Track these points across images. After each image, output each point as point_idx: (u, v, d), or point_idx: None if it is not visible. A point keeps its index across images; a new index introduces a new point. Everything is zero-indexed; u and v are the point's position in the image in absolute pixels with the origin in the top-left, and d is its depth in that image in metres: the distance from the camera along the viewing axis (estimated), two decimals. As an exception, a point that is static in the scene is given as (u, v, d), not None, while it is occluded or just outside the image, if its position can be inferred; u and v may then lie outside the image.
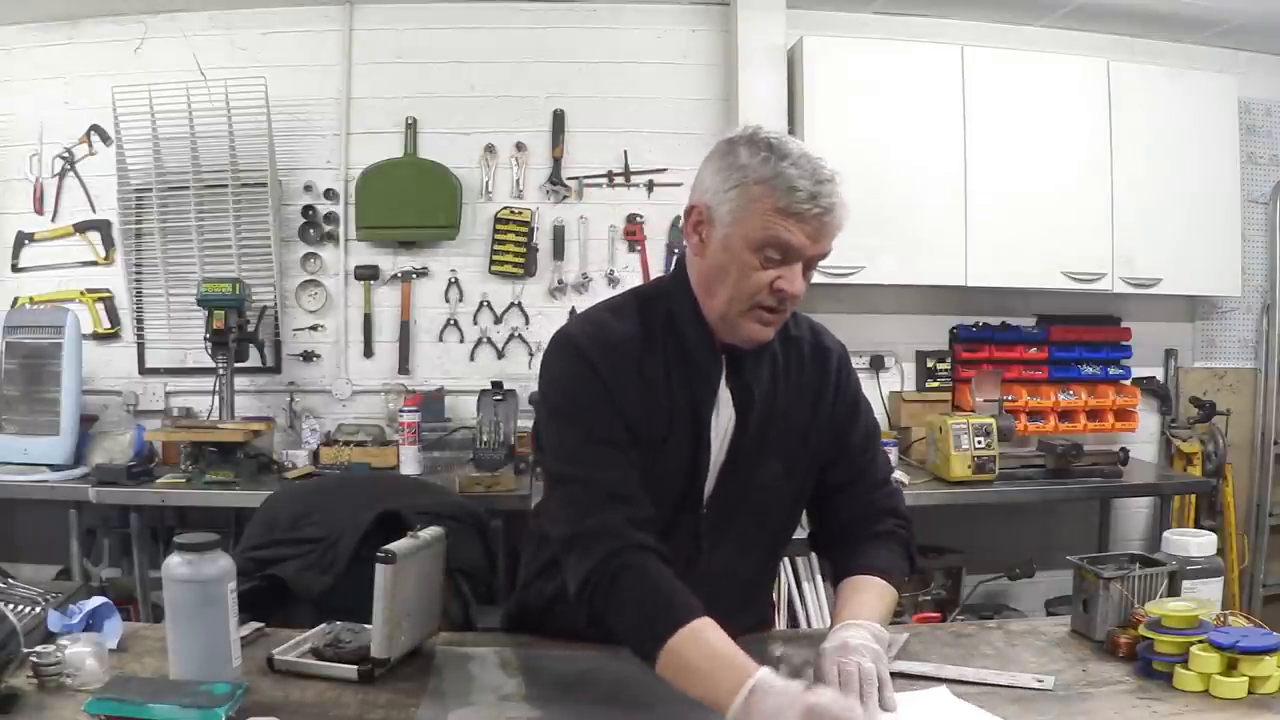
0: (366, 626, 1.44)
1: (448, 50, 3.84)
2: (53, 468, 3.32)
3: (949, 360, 4.01)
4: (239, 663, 1.35)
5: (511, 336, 3.87)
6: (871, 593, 1.49)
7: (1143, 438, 4.11)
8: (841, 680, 1.26)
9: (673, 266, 1.62)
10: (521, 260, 3.87)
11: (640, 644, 1.31)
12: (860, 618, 1.40)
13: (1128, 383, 4.06)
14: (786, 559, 3.40)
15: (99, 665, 1.35)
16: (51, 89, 3.77)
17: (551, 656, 1.51)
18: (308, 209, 3.83)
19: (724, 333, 1.47)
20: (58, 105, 3.77)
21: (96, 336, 3.78)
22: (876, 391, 3.98)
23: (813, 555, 3.43)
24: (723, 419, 1.50)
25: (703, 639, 1.27)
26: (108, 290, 3.82)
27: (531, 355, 3.85)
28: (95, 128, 3.77)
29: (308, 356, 3.85)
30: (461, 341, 3.90)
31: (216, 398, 3.59)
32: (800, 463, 1.56)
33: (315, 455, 3.57)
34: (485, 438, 3.50)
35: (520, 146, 3.88)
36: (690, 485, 1.49)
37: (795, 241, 1.38)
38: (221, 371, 3.55)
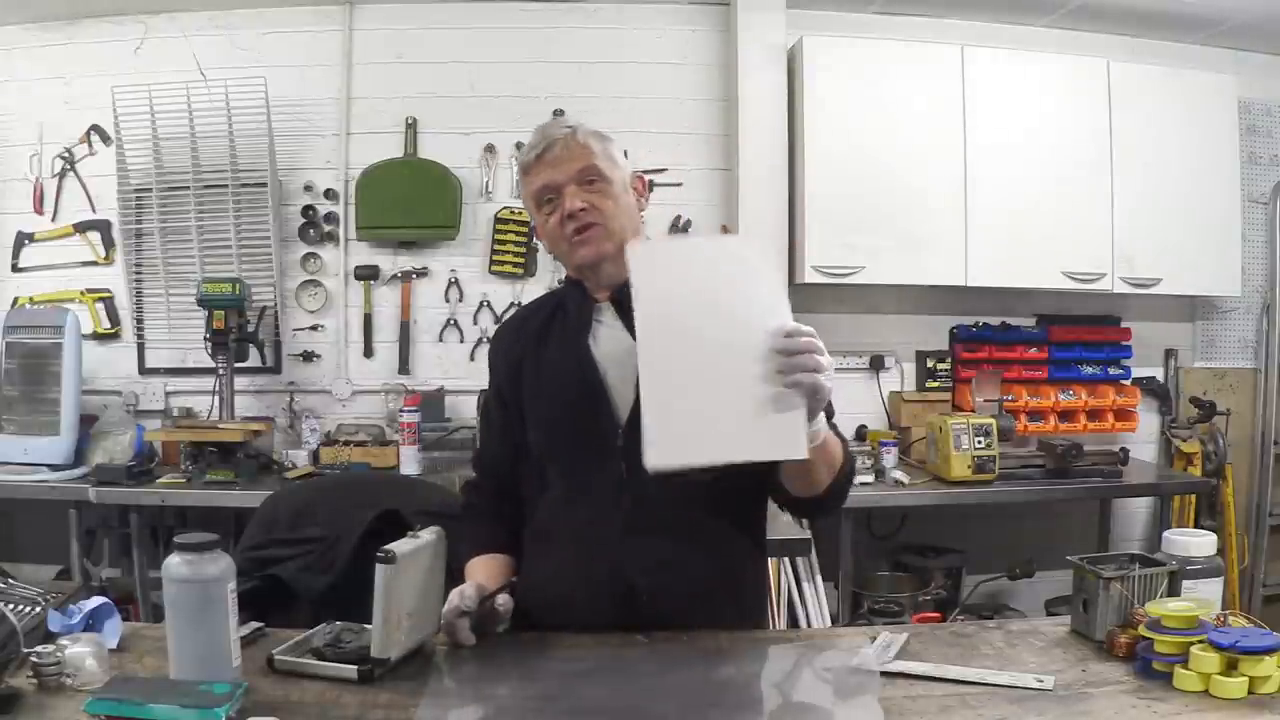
0: (366, 626, 1.44)
1: (448, 50, 3.84)
2: (53, 468, 3.33)
3: (949, 360, 4.01)
4: (239, 663, 1.35)
5: (511, 336, 3.88)
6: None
7: (1143, 438, 4.12)
8: None
9: None
10: (521, 260, 3.87)
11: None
12: None
13: (1128, 383, 4.07)
14: (786, 559, 3.39)
15: (99, 665, 1.35)
16: (51, 89, 3.77)
17: (551, 656, 1.51)
18: (308, 209, 3.83)
19: (588, 278, 1.68)
20: (58, 105, 3.77)
21: (96, 336, 3.78)
22: (877, 391, 3.99)
23: (813, 554, 3.43)
24: (616, 348, 1.63)
25: (471, 564, 1.68)
26: (108, 290, 3.83)
27: (531, 355, 3.85)
28: (95, 128, 3.77)
29: (308, 356, 3.85)
30: (461, 341, 3.90)
31: (216, 398, 3.60)
32: None
33: (315, 455, 3.58)
34: (485, 438, 3.50)
35: (520, 146, 3.88)
36: (595, 405, 1.60)
37: (543, 181, 1.64)
38: (221, 371, 3.55)
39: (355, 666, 1.40)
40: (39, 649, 1.35)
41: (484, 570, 1.65)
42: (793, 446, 1.38)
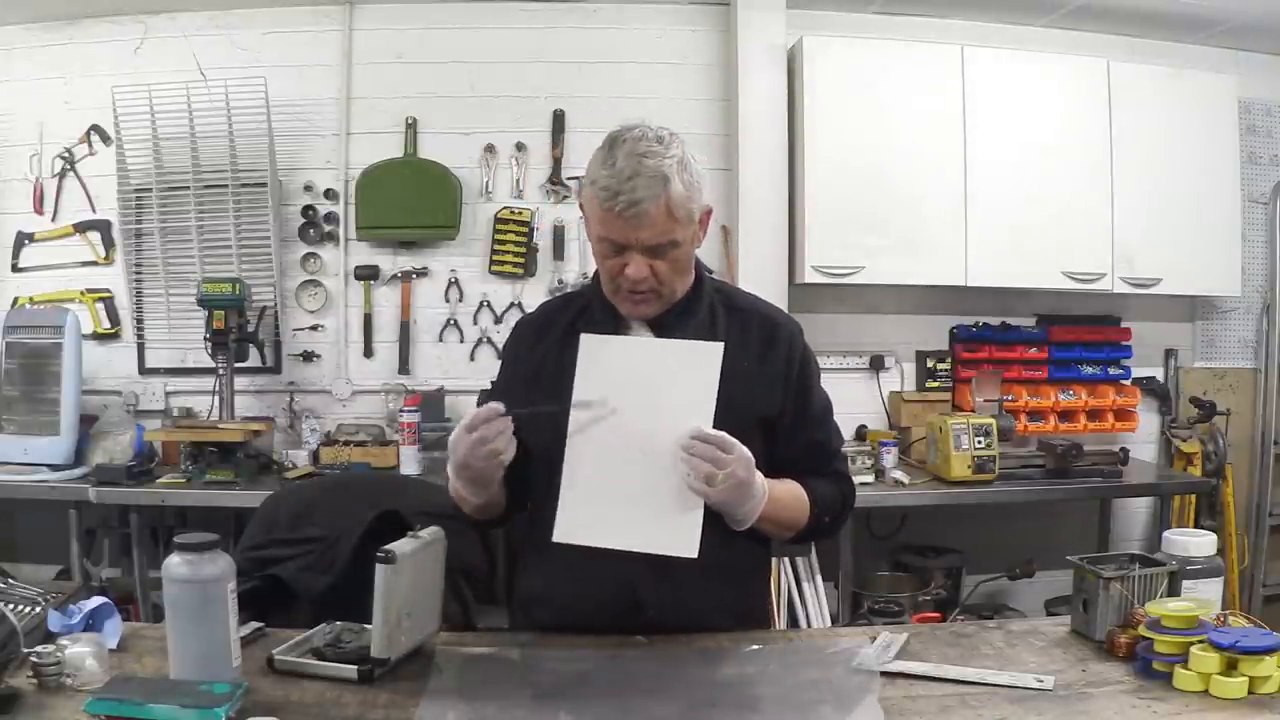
0: (366, 626, 1.44)
1: (448, 50, 3.84)
2: (53, 468, 3.32)
3: (949, 360, 4.00)
4: (239, 663, 1.36)
5: (512, 336, 3.87)
6: (785, 483, 1.62)
7: (1143, 438, 4.11)
8: None
9: None
10: (521, 260, 3.87)
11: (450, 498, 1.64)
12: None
13: (1128, 383, 4.07)
14: (786, 559, 3.40)
15: (99, 665, 1.35)
16: (51, 89, 3.77)
17: (551, 656, 1.51)
18: (308, 209, 3.83)
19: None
20: (58, 105, 3.77)
21: (96, 336, 3.78)
22: (877, 391, 3.99)
23: (813, 555, 3.44)
24: None
25: None
26: (108, 290, 3.82)
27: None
28: (95, 128, 3.77)
29: (308, 356, 3.85)
30: (461, 341, 3.90)
31: (216, 398, 3.60)
32: (740, 407, 1.55)
33: (315, 455, 3.58)
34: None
35: (520, 146, 3.88)
36: None
37: (615, 235, 1.52)
38: (221, 371, 3.55)
39: (355, 666, 1.40)
40: (39, 649, 1.35)
41: None
42: (685, 545, 1.47)
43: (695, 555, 1.46)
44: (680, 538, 1.47)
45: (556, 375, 1.58)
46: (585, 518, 1.51)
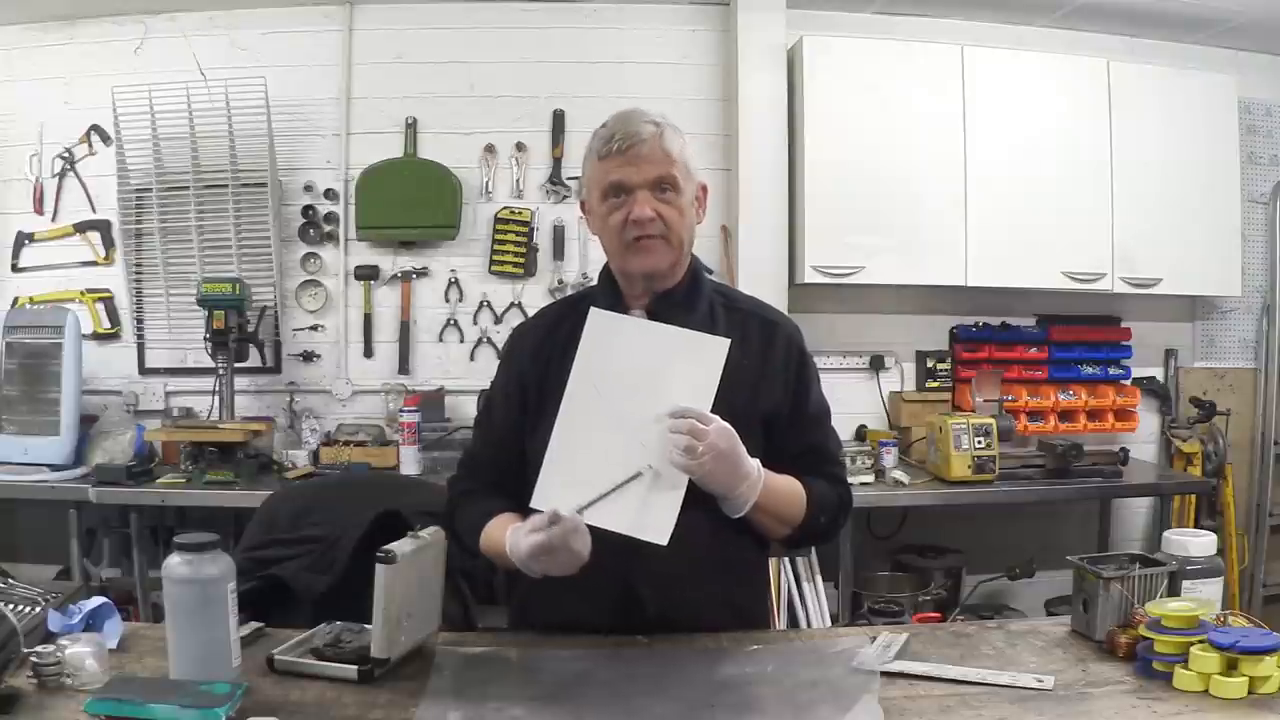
0: (366, 626, 1.44)
1: (448, 50, 3.84)
2: (53, 468, 3.32)
3: (949, 360, 4.00)
4: (239, 663, 1.36)
5: (512, 336, 3.87)
6: (783, 476, 1.61)
7: (1143, 438, 4.11)
8: None
9: None
10: (521, 260, 3.87)
11: (474, 547, 1.63)
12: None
13: (1128, 383, 4.07)
14: (786, 559, 3.40)
15: (99, 665, 1.35)
16: (51, 89, 3.77)
17: (551, 656, 1.51)
18: (308, 209, 3.83)
19: (629, 283, 1.66)
20: (58, 105, 3.77)
21: (96, 336, 3.78)
22: (877, 391, 3.99)
23: (813, 555, 3.44)
24: None
25: (495, 521, 1.59)
26: (108, 290, 3.82)
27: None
28: (95, 128, 3.77)
29: (308, 356, 3.85)
30: (461, 341, 3.90)
31: (216, 398, 3.60)
32: (741, 408, 1.55)
33: (315, 455, 3.58)
34: (485, 438, 3.50)
35: (520, 146, 3.88)
36: None
37: (618, 176, 1.59)
38: (221, 371, 3.55)
39: (355, 666, 1.40)
40: (39, 649, 1.35)
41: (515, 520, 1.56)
42: (659, 531, 1.46)
43: (665, 543, 1.45)
44: (655, 523, 1.46)
45: (560, 379, 1.57)
46: (565, 490, 1.50)
